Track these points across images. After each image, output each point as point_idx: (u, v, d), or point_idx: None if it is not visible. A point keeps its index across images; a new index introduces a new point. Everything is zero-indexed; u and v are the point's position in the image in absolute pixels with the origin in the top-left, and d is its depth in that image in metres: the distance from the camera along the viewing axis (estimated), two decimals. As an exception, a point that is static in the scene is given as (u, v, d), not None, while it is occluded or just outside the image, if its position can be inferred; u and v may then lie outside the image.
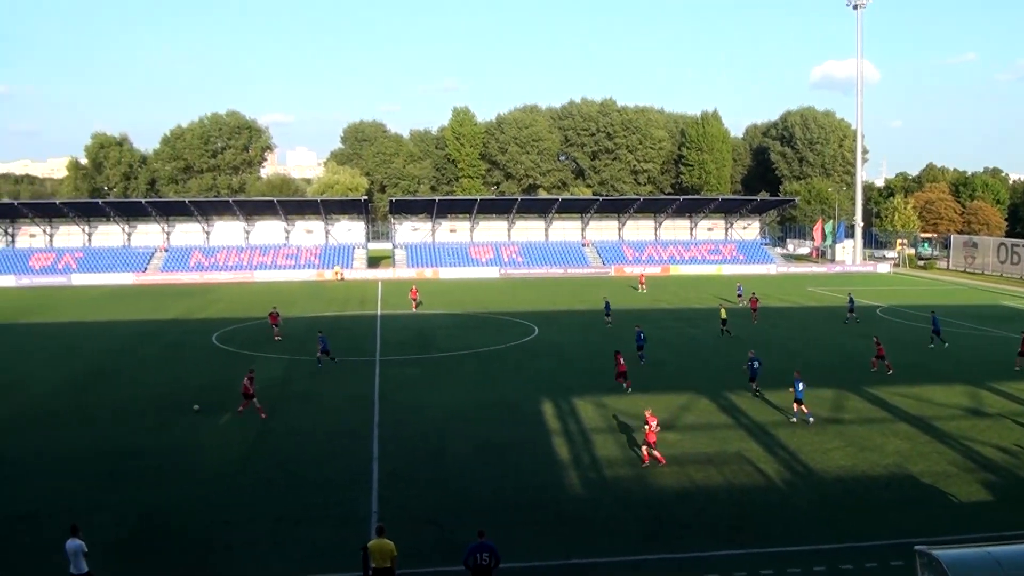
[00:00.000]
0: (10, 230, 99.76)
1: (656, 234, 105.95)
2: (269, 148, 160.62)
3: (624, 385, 34.83)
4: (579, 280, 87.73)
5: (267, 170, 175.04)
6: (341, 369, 40.40)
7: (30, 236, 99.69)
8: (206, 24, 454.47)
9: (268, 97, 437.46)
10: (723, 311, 50.95)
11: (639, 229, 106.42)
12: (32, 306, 69.21)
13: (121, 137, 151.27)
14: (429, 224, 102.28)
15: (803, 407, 30.04)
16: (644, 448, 25.42)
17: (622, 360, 35.32)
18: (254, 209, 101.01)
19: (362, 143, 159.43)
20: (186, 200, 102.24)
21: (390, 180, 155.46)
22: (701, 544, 20.07)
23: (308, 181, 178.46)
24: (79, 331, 54.86)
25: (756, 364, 34.50)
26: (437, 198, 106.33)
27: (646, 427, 25.42)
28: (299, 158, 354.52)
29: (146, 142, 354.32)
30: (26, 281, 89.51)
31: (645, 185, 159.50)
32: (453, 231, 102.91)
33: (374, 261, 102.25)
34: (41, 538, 20.45)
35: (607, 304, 56.40)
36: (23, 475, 25.47)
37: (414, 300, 63.83)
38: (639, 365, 39.68)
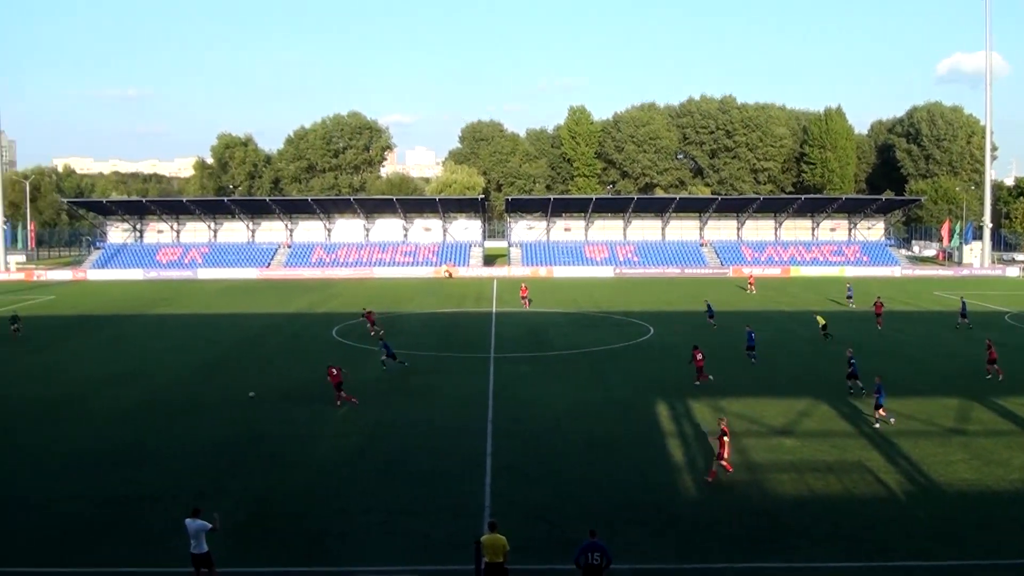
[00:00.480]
0: (139, 226, 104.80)
1: (776, 234, 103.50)
2: (389, 148, 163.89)
3: (697, 380, 35.54)
4: (696, 280, 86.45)
5: (387, 169, 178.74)
6: (455, 365, 40.84)
7: (158, 232, 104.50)
8: (330, 28, 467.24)
9: (389, 98, 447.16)
10: (820, 319, 49.30)
11: (759, 229, 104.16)
12: (159, 298, 72.59)
13: (246, 138, 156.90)
14: (544, 223, 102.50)
15: (881, 411, 29.41)
16: (724, 462, 24.03)
17: (700, 355, 36.01)
18: (374, 207, 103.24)
19: (479, 142, 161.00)
20: (309, 198, 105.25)
21: (506, 179, 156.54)
22: (818, 555, 19.36)
23: (426, 180, 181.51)
24: (204, 323, 57.23)
25: (854, 362, 34.32)
26: (552, 197, 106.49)
27: (720, 439, 24.26)
28: (418, 157, 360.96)
29: (270, 142, 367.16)
30: (153, 275, 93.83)
31: (765, 184, 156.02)
32: (568, 230, 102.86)
33: (490, 259, 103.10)
34: (164, 520, 21.28)
35: (709, 306, 55.62)
36: (148, 459, 26.62)
37: (524, 298, 64.10)
38: (750, 365, 39.74)
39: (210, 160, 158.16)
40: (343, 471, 25.15)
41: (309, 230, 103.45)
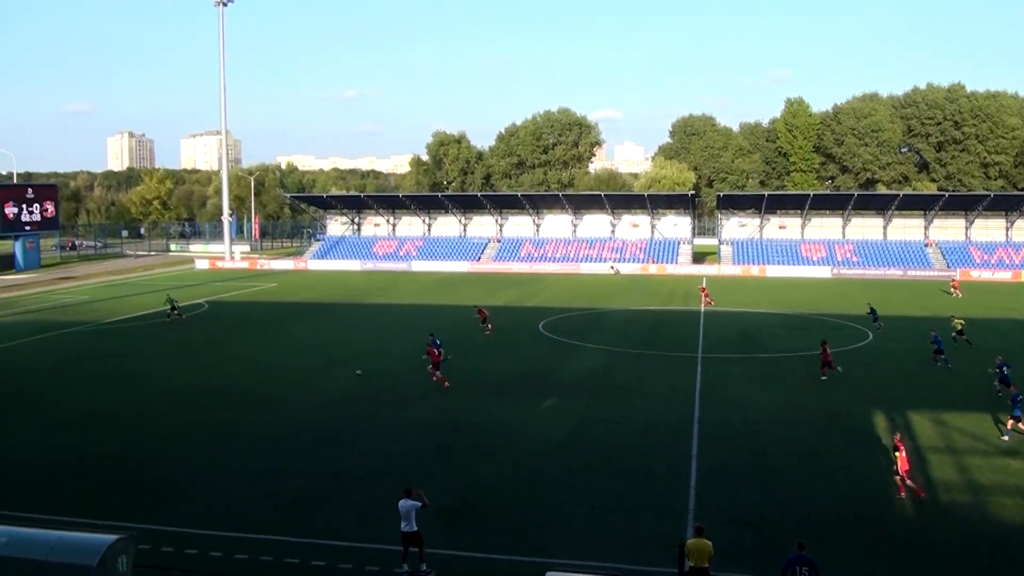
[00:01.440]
0: (357, 220, 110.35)
1: (1007, 235, 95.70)
2: (598, 144, 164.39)
3: (823, 375, 36.62)
4: (920, 283, 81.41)
5: (595, 165, 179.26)
6: (662, 363, 40.51)
7: (375, 225, 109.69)
8: (541, 27, 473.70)
9: (599, 94, 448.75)
10: (958, 322, 45.70)
11: (988, 229, 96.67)
12: (374, 288, 76.22)
13: (459, 135, 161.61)
14: (757, 220, 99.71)
15: (1019, 424, 28.00)
16: (897, 478, 22.78)
17: (828, 350, 37.32)
18: (582, 203, 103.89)
19: (690, 137, 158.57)
20: (519, 194, 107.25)
21: (718, 175, 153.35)
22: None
23: (635, 176, 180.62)
24: (416, 313, 59.57)
25: (1005, 369, 33.62)
26: (766, 193, 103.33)
27: (896, 454, 22.93)
28: (627, 153, 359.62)
29: (482, 139, 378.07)
30: (370, 266, 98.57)
31: (996, 179, 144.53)
32: (782, 227, 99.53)
33: (699, 257, 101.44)
34: (373, 497, 22.50)
35: (872, 310, 52.76)
36: (361, 440, 28.15)
37: (705, 297, 62.75)
38: (935, 368, 38.74)
39: (425, 157, 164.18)
40: (547, 463, 25.50)
41: (518, 225, 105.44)
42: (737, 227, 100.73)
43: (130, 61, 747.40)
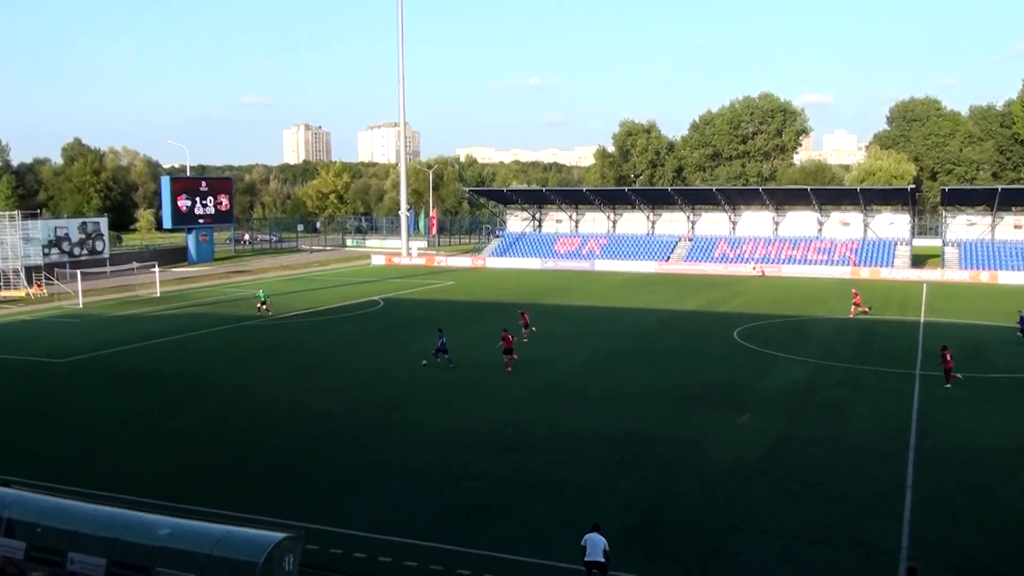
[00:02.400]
0: (538, 215, 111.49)
1: None
2: (804, 132, 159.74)
3: (947, 383, 37.06)
4: None
5: (800, 156, 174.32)
6: (872, 379, 38.91)
7: (556, 221, 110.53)
8: (739, 4, 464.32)
9: (806, 77, 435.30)
10: None
11: None
12: (555, 288, 76.83)
13: (649, 124, 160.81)
14: (988, 218, 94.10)
15: None
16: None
17: (948, 356, 37.68)
18: (785, 198, 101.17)
19: (911, 123, 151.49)
20: (713, 188, 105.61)
21: (942, 166, 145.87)
22: None
23: (846, 168, 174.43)
24: (598, 315, 59.71)
25: None
26: (1000, 187, 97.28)
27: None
28: (837, 142, 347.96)
29: (674, 128, 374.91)
30: (551, 264, 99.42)
31: None
32: (1018, 227, 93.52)
33: (919, 259, 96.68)
34: (552, 511, 22.71)
35: (1022, 318, 49.17)
36: (538, 447, 28.54)
37: (856, 305, 59.29)
38: None
39: (611, 148, 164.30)
40: (740, 484, 25.08)
41: (712, 222, 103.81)
42: (965, 226, 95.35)
43: (307, 52, 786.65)
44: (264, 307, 60.37)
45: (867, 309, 60.01)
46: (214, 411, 34.21)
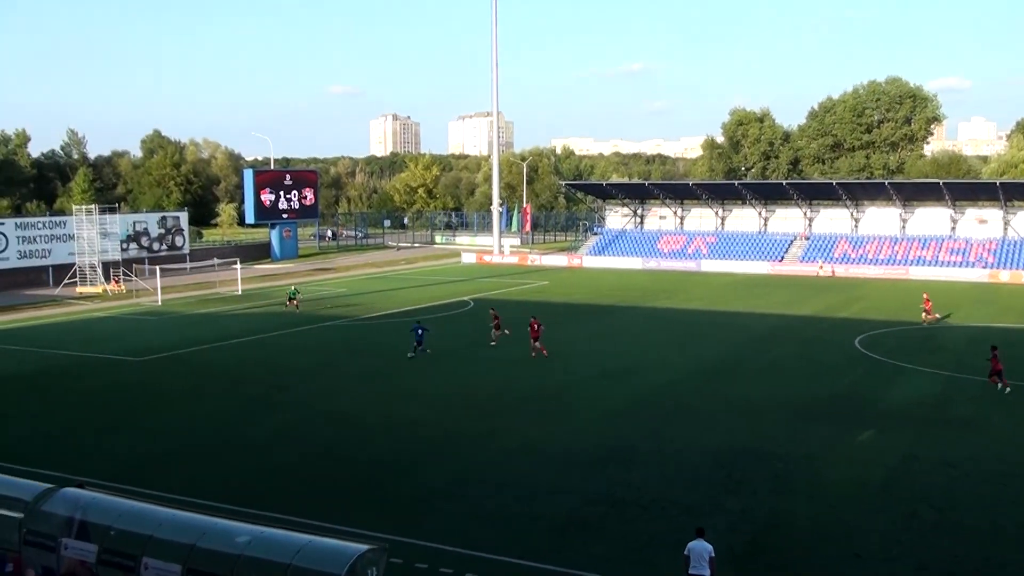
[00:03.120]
0: (639, 211, 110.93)
1: None
2: (937, 120, 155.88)
3: (999, 385, 37.45)
4: None
5: (932, 146, 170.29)
6: (1016, 395, 37.71)
7: (660, 218, 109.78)
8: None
9: (939, 59, 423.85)
10: None
11: None
12: (658, 290, 76.37)
13: (762, 112, 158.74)
14: None
15: None
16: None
17: (996, 356, 38.13)
18: (914, 193, 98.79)
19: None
20: (833, 182, 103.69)
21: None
22: None
23: (984, 159, 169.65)
24: (704, 320, 59.15)
25: None
26: None
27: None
28: (974, 131, 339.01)
29: (790, 117, 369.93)
30: (652, 264, 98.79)
31: None
32: None
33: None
34: (654, 530, 22.70)
35: None
36: (637, 462, 28.39)
37: (927, 312, 56.91)
38: None
39: (720, 138, 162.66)
40: (861, 508, 24.56)
41: (832, 219, 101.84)
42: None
43: (397, 39, 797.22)
44: (294, 303, 62.80)
45: (937, 317, 57.96)
46: (296, 414, 34.94)
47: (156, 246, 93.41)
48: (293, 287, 67.83)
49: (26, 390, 40.12)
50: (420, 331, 46.15)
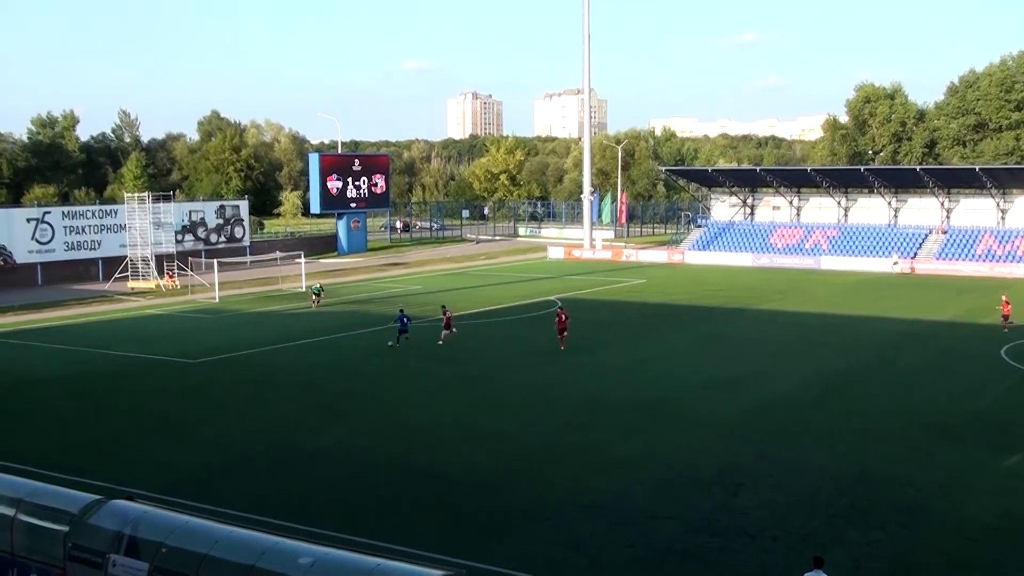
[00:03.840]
0: (750, 200, 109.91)
1: None
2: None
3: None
4: None
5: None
6: None
7: (773, 208, 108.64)
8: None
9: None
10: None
11: None
12: (771, 290, 75.67)
13: (893, 88, 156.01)
14: None
15: None
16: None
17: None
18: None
19: None
20: (976, 167, 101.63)
21: None
22: None
23: None
24: (824, 325, 58.39)
25: None
26: None
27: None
28: None
29: (925, 93, 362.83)
30: (765, 261, 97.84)
31: None
32: None
33: None
34: (764, 563, 22.51)
35: None
36: (746, 486, 28.19)
37: (1005, 318, 54.89)
38: None
39: (843, 118, 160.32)
40: (1007, 544, 24.12)
41: (974, 211, 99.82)
42: None
43: (476, 9, 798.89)
44: (317, 300, 65.44)
45: (1013, 323, 56.36)
46: (365, 425, 35.42)
47: (214, 238, 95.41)
48: (318, 284, 69.15)
49: (73, 394, 41.21)
50: (405, 320, 49.67)
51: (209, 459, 31.40)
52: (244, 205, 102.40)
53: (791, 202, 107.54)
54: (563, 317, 49.59)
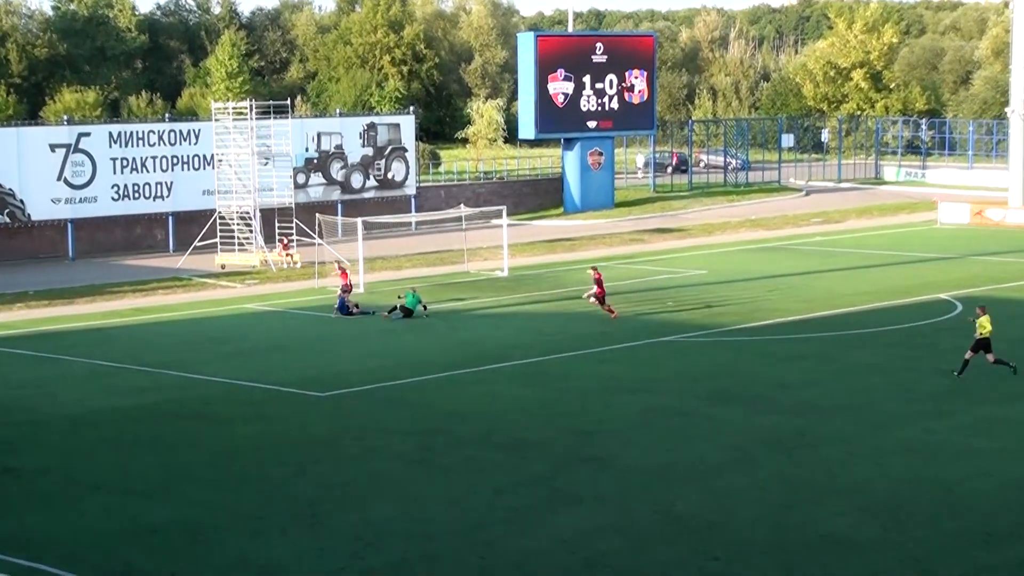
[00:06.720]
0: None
1: None
2: None
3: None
4: None
5: None
6: None
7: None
8: None
9: None
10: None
11: None
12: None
13: None
14: None
15: None
16: None
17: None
18: None
19: None
20: None
21: None
22: None
23: None
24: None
25: None
26: None
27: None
28: None
29: None
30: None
31: None
32: None
33: None
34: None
35: None
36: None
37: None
38: None
39: None
40: None
41: None
42: None
43: None
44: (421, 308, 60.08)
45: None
46: (610, 501, 32.86)
47: (357, 180, 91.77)
48: (412, 289, 62.60)
49: (123, 442, 39.49)
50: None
51: (345, 558, 28.37)
52: (409, 123, 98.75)
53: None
54: (600, 279, 58.50)
